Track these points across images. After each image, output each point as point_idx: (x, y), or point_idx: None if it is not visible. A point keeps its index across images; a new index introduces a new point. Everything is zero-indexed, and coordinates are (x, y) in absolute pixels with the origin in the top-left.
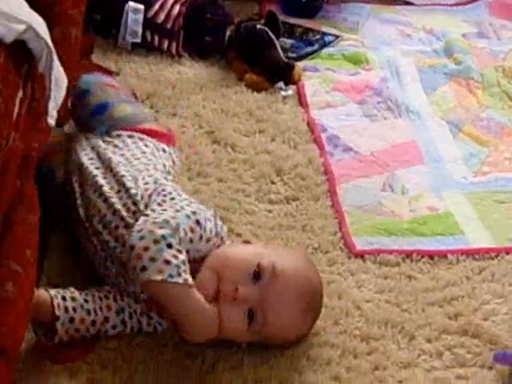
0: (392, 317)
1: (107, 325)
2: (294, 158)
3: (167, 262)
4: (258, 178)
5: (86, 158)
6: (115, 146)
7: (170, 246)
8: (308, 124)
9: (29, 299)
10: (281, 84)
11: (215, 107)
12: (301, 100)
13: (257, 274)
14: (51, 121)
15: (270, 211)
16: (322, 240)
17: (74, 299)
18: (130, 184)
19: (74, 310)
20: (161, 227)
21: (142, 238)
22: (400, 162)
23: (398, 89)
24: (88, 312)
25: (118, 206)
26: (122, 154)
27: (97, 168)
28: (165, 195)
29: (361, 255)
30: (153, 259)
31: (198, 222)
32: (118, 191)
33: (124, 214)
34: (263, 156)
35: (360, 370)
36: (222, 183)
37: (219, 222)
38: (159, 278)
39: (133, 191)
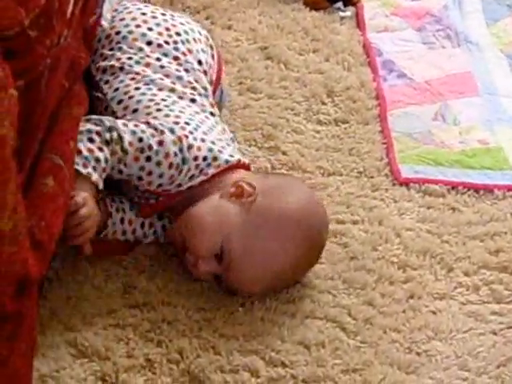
0: (432, 247)
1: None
2: (347, 80)
3: (78, 152)
4: (309, 98)
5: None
6: None
7: (91, 140)
8: (364, 47)
9: (68, 195)
10: (339, 4)
11: (271, 23)
12: (358, 22)
13: (219, 256)
14: (105, 23)
15: (317, 132)
16: (367, 165)
17: (122, 201)
18: None
19: (124, 211)
20: (95, 124)
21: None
22: (454, 92)
23: (458, 18)
24: (136, 214)
25: None
26: None
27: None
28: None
29: (405, 183)
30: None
31: (140, 140)
32: None
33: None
34: (315, 76)
35: (394, 297)
36: (272, 100)
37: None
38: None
39: None
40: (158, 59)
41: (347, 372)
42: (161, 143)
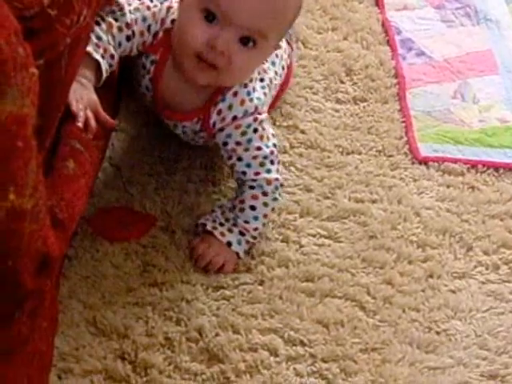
0: (451, 226)
1: None
2: (366, 59)
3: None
4: (328, 76)
5: None
6: None
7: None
8: (382, 25)
9: (90, 176)
10: None
11: None
12: (377, 0)
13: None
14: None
15: (336, 110)
16: (386, 143)
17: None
18: None
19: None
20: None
21: None
22: (474, 70)
23: None
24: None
25: None
26: None
27: None
28: None
29: (425, 162)
30: None
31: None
32: None
33: None
34: (334, 54)
35: (414, 276)
36: (291, 79)
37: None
38: None
39: None
40: None
41: (366, 351)
42: None
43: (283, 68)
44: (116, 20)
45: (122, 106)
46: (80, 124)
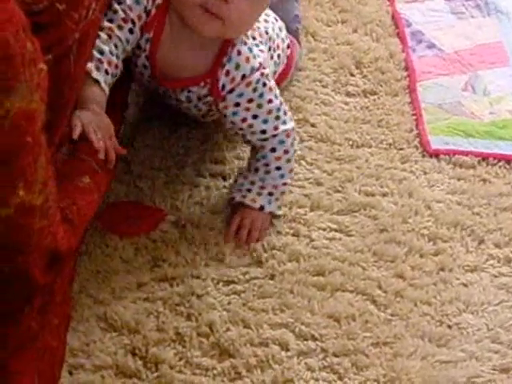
0: (462, 219)
1: None
2: (375, 51)
3: None
4: (337, 69)
5: None
6: None
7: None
8: (392, 17)
9: (103, 192)
10: None
11: None
12: None
13: None
14: None
15: (346, 103)
16: (396, 136)
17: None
18: None
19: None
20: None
21: None
22: (484, 62)
23: None
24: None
25: None
26: None
27: None
28: None
29: (435, 154)
30: None
31: None
32: None
33: None
34: (344, 47)
35: (425, 269)
36: (301, 72)
37: None
38: None
39: None
40: None
41: (378, 345)
42: None
43: (279, 57)
44: (111, 21)
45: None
46: (101, 156)
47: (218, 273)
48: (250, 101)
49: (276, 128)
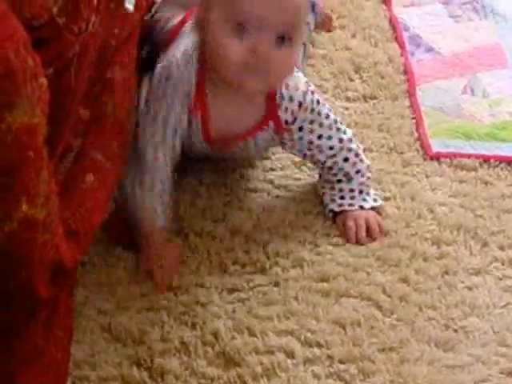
0: (465, 222)
1: None
2: (374, 56)
3: None
4: (337, 75)
5: None
6: None
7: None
8: (390, 22)
9: (110, 189)
10: None
11: None
12: None
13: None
14: (129, 6)
15: (346, 108)
16: (397, 140)
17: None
18: None
19: None
20: None
21: None
22: (483, 65)
23: None
24: None
25: None
26: None
27: None
28: None
29: (437, 158)
30: None
31: None
32: None
33: None
34: (342, 52)
35: (429, 273)
36: None
37: None
38: None
39: None
40: None
41: (384, 351)
42: None
43: None
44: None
45: None
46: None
47: (222, 281)
48: (312, 122)
49: (341, 140)
